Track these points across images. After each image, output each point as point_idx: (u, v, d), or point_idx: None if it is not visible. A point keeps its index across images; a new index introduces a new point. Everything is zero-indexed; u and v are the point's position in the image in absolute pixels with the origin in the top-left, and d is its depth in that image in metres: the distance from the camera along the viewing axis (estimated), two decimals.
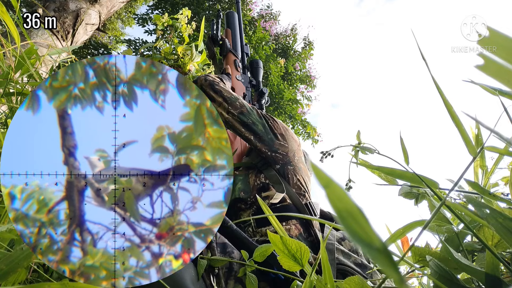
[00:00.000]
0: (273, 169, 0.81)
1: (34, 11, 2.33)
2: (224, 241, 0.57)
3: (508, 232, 0.26)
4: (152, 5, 4.67)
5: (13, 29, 0.65)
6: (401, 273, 0.17)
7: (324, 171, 0.15)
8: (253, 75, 1.25)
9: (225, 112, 0.83)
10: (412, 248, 0.34)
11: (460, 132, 0.31)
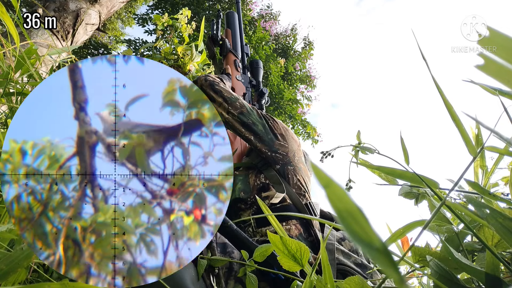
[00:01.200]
0: (273, 169, 0.81)
1: (34, 11, 2.33)
2: (224, 241, 0.57)
3: (508, 232, 0.26)
4: (152, 5, 4.67)
5: (13, 29, 0.65)
6: (401, 273, 0.17)
7: (324, 171, 0.15)
8: (253, 75, 1.25)
9: (225, 112, 0.83)
10: (412, 248, 0.34)
11: (460, 132, 0.31)
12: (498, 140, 0.32)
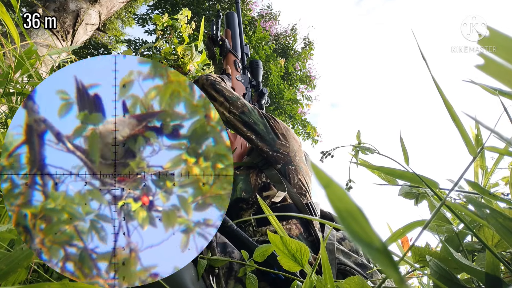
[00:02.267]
0: (274, 168, 0.81)
1: (34, 11, 2.33)
2: (225, 241, 0.57)
3: (508, 232, 0.26)
4: (152, 5, 4.67)
5: (13, 29, 0.65)
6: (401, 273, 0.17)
7: (324, 171, 0.15)
8: (253, 75, 1.25)
9: (226, 112, 0.83)
10: (412, 248, 0.34)
11: (460, 132, 0.31)
12: (498, 140, 0.32)
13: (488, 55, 0.22)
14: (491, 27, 0.21)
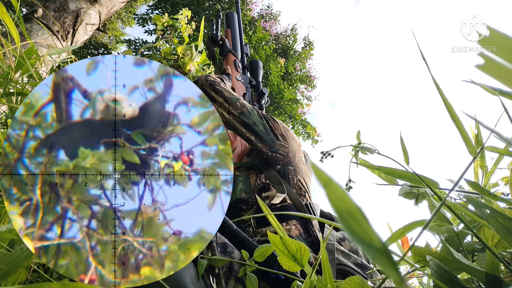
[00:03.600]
0: (273, 169, 0.81)
1: (34, 11, 2.33)
2: (225, 241, 0.57)
3: (508, 232, 0.26)
4: (152, 5, 4.67)
5: (13, 29, 0.65)
6: (401, 273, 0.17)
7: (324, 171, 0.15)
8: (253, 75, 1.25)
9: (226, 113, 0.83)
10: (412, 248, 0.34)
11: (460, 132, 0.31)
12: (498, 140, 0.32)
13: (488, 55, 0.22)
14: (491, 27, 0.21)
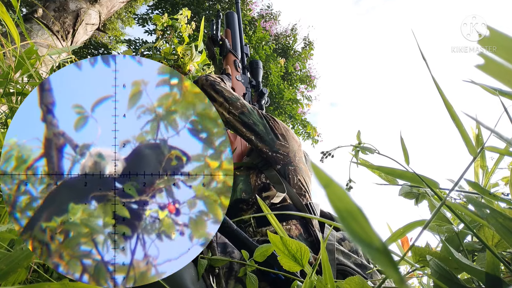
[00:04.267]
0: (273, 169, 0.81)
1: (34, 11, 2.33)
2: (225, 241, 0.57)
3: (508, 232, 0.26)
4: (152, 5, 4.67)
5: (13, 29, 0.65)
6: (401, 273, 0.17)
7: (324, 171, 0.15)
8: (253, 75, 1.25)
9: (226, 112, 0.83)
10: (413, 248, 0.34)
11: (461, 132, 0.31)
12: (499, 140, 0.32)
13: (488, 55, 0.22)
14: (491, 27, 0.21)
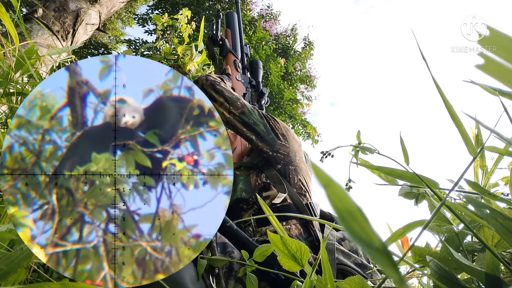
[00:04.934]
0: (274, 169, 0.81)
1: (34, 11, 2.33)
2: (225, 241, 0.57)
3: (508, 232, 0.26)
4: (152, 5, 4.67)
5: (12, 30, 0.65)
6: (401, 273, 0.17)
7: (324, 171, 0.15)
8: (253, 75, 1.25)
9: (226, 112, 0.83)
10: (412, 248, 0.34)
11: (460, 132, 0.31)
12: (498, 140, 0.32)
13: (488, 55, 0.22)
14: (491, 27, 0.21)
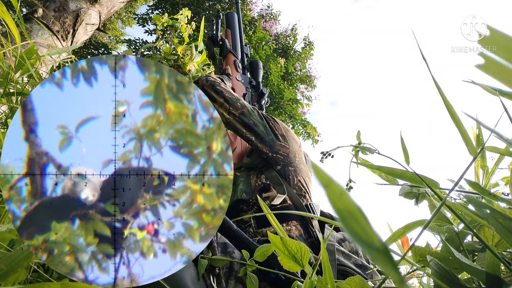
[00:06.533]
0: (274, 170, 0.81)
1: (34, 11, 2.33)
2: (225, 241, 0.57)
3: (508, 232, 0.26)
4: (152, 5, 4.67)
5: (14, 29, 0.65)
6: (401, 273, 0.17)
7: (324, 171, 0.15)
8: (253, 75, 1.25)
9: (226, 113, 0.83)
10: (413, 248, 0.34)
11: (461, 132, 0.31)
12: (499, 140, 0.32)
13: (488, 55, 0.22)
14: (491, 27, 0.21)
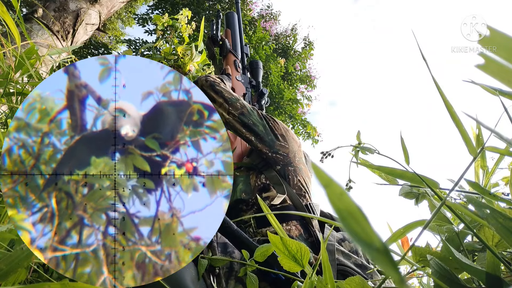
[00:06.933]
0: (273, 170, 0.81)
1: (34, 11, 2.33)
2: (225, 241, 0.57)
3: (508, 232, 0.26)
4: (152, 5, 4.67)
5: (14, 29, 0.65)
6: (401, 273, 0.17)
7: (324, 171, 0.15)
8: (253, 75, 1.25)
9: (225, 113, 0.83)
10: (413, 248, 0.34)
11: (461, 132, 0.31)
12: (499, 140, 0.32)
13: (488, 55, 0.22)
14: (491, 27, 0.21)
